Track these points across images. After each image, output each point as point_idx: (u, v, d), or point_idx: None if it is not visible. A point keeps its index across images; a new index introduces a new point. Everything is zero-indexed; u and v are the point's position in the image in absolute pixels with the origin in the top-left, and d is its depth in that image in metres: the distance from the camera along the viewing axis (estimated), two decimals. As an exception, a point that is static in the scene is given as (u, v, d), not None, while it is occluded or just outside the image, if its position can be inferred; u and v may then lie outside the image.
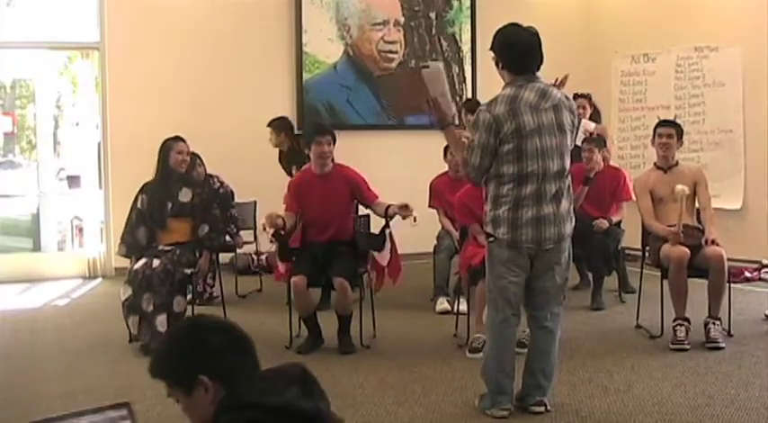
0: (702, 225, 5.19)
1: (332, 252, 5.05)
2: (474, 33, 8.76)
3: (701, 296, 5.08)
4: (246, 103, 7.95)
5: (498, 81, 3.81)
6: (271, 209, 7.14)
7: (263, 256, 7.56)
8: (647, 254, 5.39)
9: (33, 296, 7.02)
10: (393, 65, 8.55)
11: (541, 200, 3.65)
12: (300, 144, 7.11)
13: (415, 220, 4.87)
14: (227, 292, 5.93)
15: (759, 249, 7.23)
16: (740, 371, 4.45)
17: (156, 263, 5.00)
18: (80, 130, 8.37)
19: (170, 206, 5.27)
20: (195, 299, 5.29)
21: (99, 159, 8.01)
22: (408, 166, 7.83)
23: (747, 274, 6.96)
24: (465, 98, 8.47)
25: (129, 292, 4.99)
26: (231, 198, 5.50)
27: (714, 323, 4.94)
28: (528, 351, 3.94)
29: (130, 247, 5.26)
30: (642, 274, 5.46)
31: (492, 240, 3.74)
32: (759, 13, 7.35)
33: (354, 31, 8.46)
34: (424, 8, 8.67)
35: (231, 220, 5.44)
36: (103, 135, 7.83)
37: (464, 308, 5.34)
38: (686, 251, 4.95)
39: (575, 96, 6.39)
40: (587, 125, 7.14)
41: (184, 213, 5.28)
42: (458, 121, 8.14)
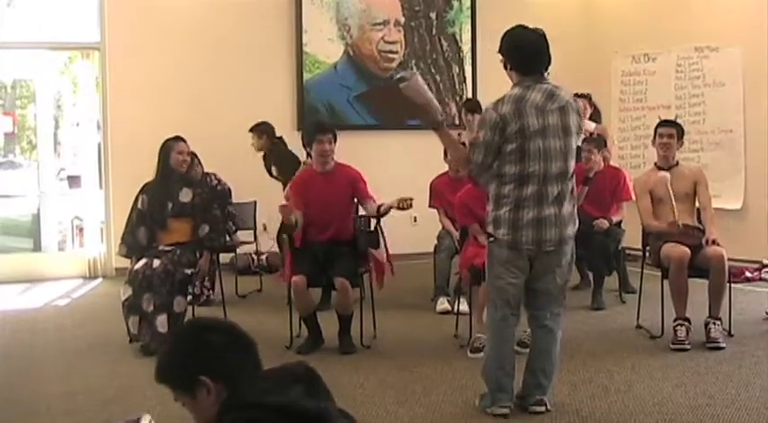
0: (703, 225, 5.19)
1: (332, 252, 5.05)
2: (474, 33, 8.77)
3: (701, 296, 5.08)
4: (247, 104, 7.94)
5: (498, 81, 3.82)
6: (270, 209, 7.17)
7: (263, 257, 7.57)
8: (647, 254, 5.39)
9: (34, 296, 7.02)
10: (393, 65, 8.55)
11: (542, 201, 3.64)
12: (281, 145, 7.18)
13: (410, 205, 4.85)
14: (226, 293, 5.93)
15: (759, 249, 7.23)
16: (741, 371, 4.44)
17: (157, 263, 5.00)
18: (80, 131, 8.38)
19: (170, 206, 5.26)
20: (192, 300, 5.27)
21: (99, 159, 8.02)
22: (408, 166, 7.83)
23: (748, 274, 6.96)
24: (465, 98, 8.47)
25: (130, 292, 4.99)
26: (229, 195, 5.49)
27: (714, 323, 4.94)
28: (529, 351, 3.94)
29: (131, 247, 5.26)
30: (642, 274, 5.45)
31: (492, 240, 3.75)
32: (759, 13, 7.35)
33: (355, 31, 8.46)
34: (424, 8, 8.67)
35: (229, 218, 5.43)
36: (104, 135, 7.84)
37: (464, 308, 5.34)
38: (687, 251, 4.95)
39: (575, 96, 6.38)
40: (587, 125, 7.11)
41: (185, 213, 5.28)
42: (458, 121, 8.20)
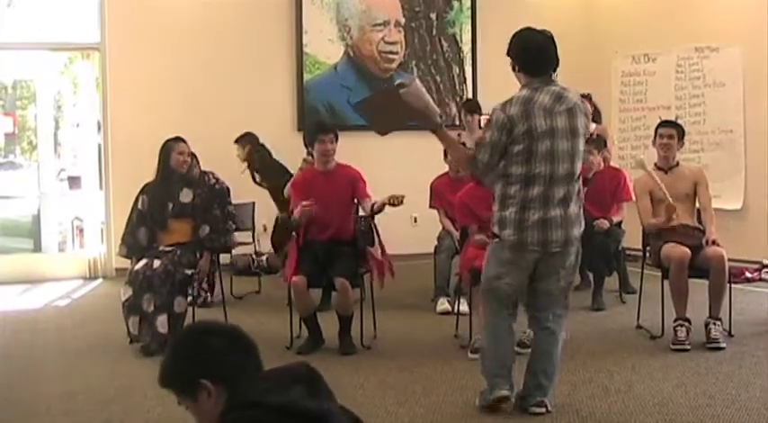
0: (703, 225, 5.19)
1: (333, 252, 5.05)
2: (474, 34, 8.76)
3: (701, 296, 5.08)
4: (247, 104, 7.94)
5: (498, 82, 3.82)
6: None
7: (263, 257, 7.57)
8: (647, 254, 5.39)
9: (34, 297, 7.02)
10: (393, 66, 8.56)
11: (548, 202, 3.65)
12: (264, 152, 7.21)
13: (401, 201, 4.84)
14: (218, 294, 5.92)
15: (759, 249, 7.23)
16: (741, 371, 4.44)
17: (157, 263, 5.00)
18: (81, 131, 8.38)
19: (171, 207, 5.26)
20: (190, 302, 5.26)
21: (99, 160, 8.02)
22: (408, 167, 7.82)
23: (748, 275, 6.96)
24: (465, 98, 8.47)
25: (130, 292, 4.99)
26: (227, 194, 5.48)
27: (715, 323, 4.94)
28: (530, 352, 3.95)
29: (131, 247, 5.26)
30: (643, 274, 5.45)
31: (497, 240, 3.76)
32: (759, 13, 7.35)
33: (355, 32, 8.46)
34: (424, 9, 8.66)
35: (229, 217, 5.42)
36: (104, 136, 7.84)
37: (465, 308, 5.33)
38: (687, 251, 4.95)
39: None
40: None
41: (185, 214, 5.28)
42: (458, 122, 8.20)
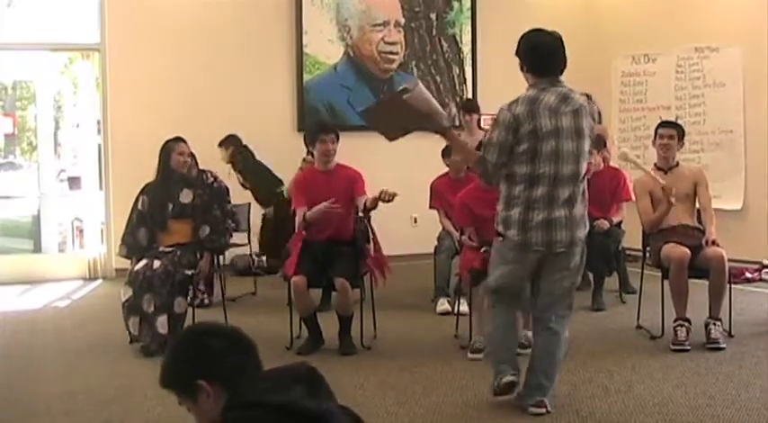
0: (703, 225, 5.19)
1: (332, 252, 5.04)
2: (474, 34, 8.76)
3: (701, 297, 5.08)
4: (247, 105, 7.95)
5: (498, 82, 3.84)
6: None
7: (263, 258, 7.57)
8: (647, 254, 5.39)
9: (34, 297, 7.02)
10: (393, 66, 8.56)
11: (553, 203, 3.66)
12: (247, 154, 7.24)
13: (392, 198, 4.82)
14: (218, 294, 5.92)
15: (759, 250, 7.24)
16: (741, 371, 4.44)
17: (157, 264, 5.00)
18: (81, 132, 8.38)
19: (171, 207, 5.26)
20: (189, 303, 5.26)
21: (99, 160, 8.02)
22: (408, 167, 7.82)
23: (748, 275, 6.96)
24: (465, 98, 8.47)
25: (130, 293, 4.99)
26: (226, 193, 5.48)
27: (715, 324, 4.94)
28: (532, 351, 3.95)
29: (131, 248, 5.26)
30: (643, 274, 5.45)
31: (501, 240, 3.78)
32: (759, 13, 7.36)
33: (355, 32, 8.46)
34: (424, 9, 8.67)
35: (228, 216, 5.42)
36: (104, 136, 7.84)
37: (465, 309, 5.33)
38: (687, 252, 4.95)
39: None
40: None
41: (185, 214, 5.28)
42: (457, 122, 8.20)
